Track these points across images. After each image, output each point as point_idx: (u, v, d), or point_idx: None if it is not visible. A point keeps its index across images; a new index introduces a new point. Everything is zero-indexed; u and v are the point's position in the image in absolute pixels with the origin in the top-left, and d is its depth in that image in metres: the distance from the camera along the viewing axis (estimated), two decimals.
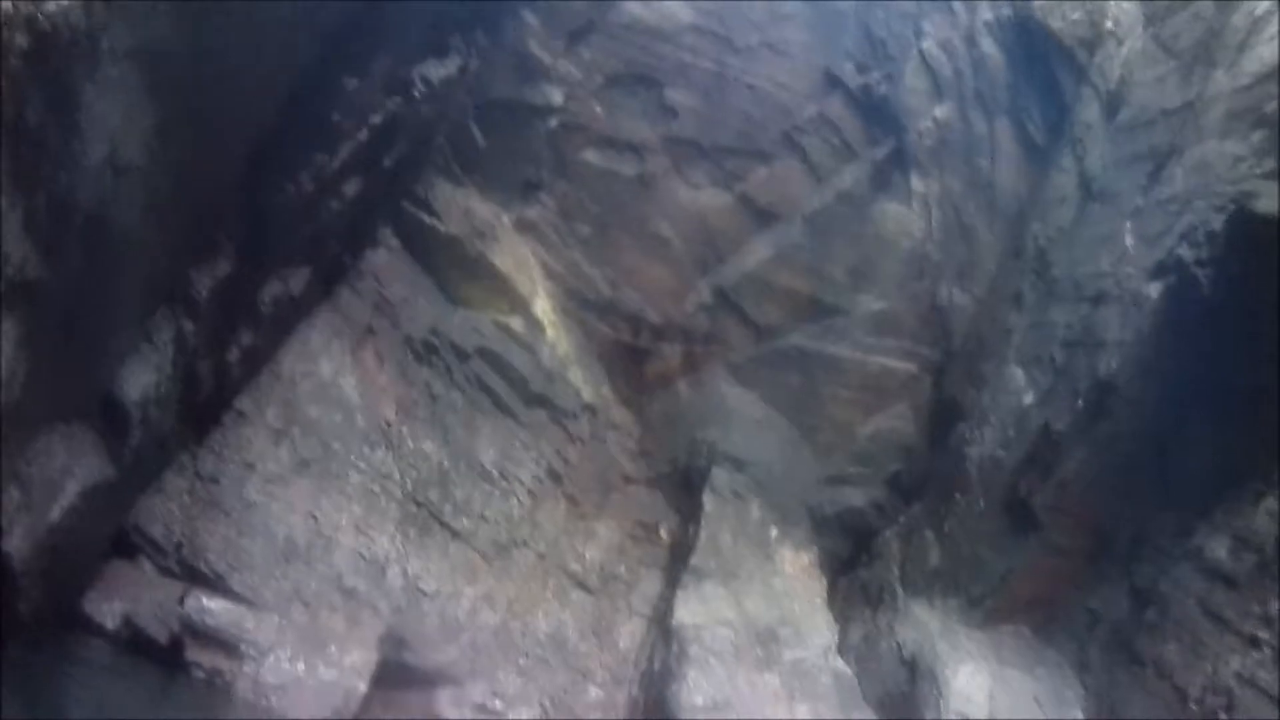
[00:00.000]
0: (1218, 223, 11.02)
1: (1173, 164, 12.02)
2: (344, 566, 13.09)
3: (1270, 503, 10.74)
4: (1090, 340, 12.60)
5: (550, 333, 15.21)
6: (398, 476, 13.84)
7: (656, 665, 14.38)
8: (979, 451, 13.73)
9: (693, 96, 15.07)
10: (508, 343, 14.88)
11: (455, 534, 14.11)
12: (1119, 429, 12.33)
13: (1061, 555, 13.06)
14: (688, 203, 15.23)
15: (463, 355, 14.62)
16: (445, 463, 14.23)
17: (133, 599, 11.54)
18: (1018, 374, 13.58)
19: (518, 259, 15.23)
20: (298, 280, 13.19)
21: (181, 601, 11.86)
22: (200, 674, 11.77)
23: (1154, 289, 11.80)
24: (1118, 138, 13.12)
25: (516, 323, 14.95)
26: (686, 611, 14.32)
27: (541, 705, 14.13)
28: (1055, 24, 13.66)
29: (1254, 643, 10.28)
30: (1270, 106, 10.68)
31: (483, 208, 15.13)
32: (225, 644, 11.97)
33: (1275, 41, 10.99)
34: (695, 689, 13.48)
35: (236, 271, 11.92)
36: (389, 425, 13.93)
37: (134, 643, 11.41)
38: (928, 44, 14.63)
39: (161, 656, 11.61)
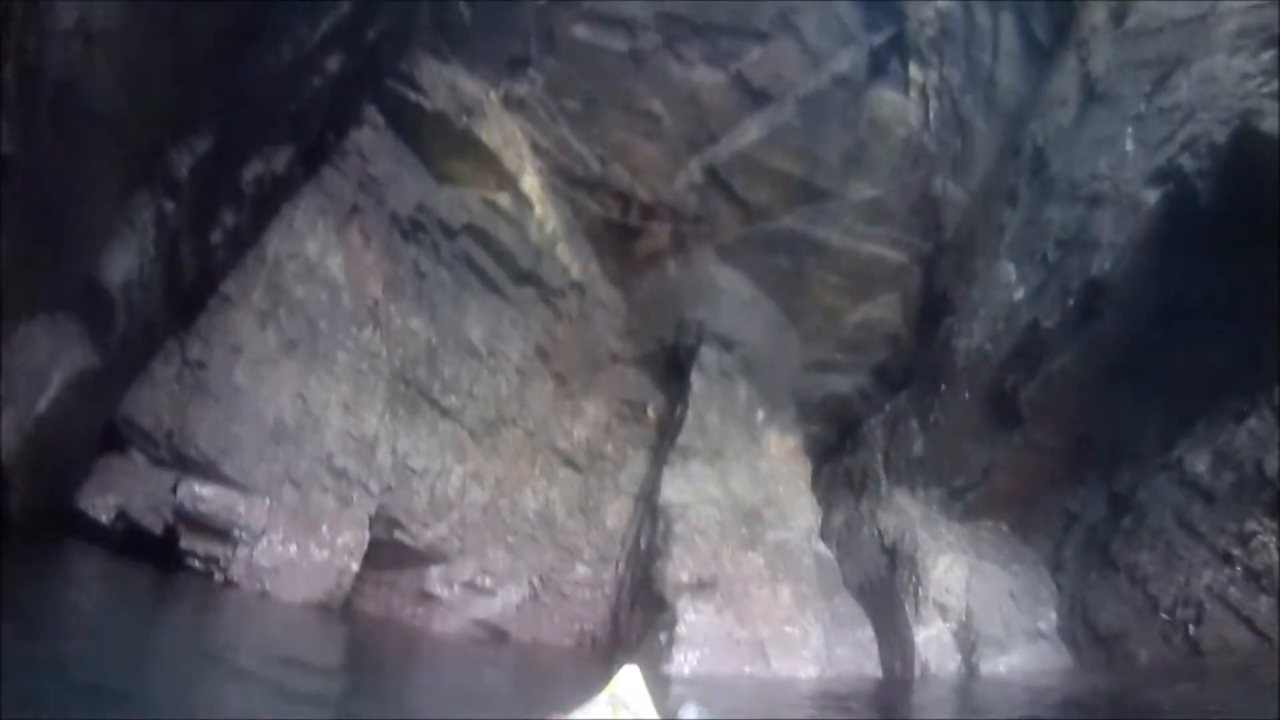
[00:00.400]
0: (1221, 136, 10.97)
1: (1179, 73, 11.77)
2: (334, 446, 13.10)
3: (1254, 423, 10.91)
4: (1084, 240, 12.46)
5: (538, 209, 14.86)
6: (385, 355, 13.69)
7: (643, 543, 14.65)
8: (966, 344, 13.72)
9: None
10: (495, 219, 14.56)
11: (444, 412, 14.10)
12: (1107, 330, 12.36)
13: (1043, 453, 13.26)
14: (680, 80, 14.67)
15: (450, 232, 14.31)
16: (433, 340, 14.09)
17: (125, 492, 11.55)
18: (1009, 269, 13.46)
19: (506, 135, 14.71)
20: (280, 159, 12.74)
21: (174, 490, 11.91)
22: (195, 562, 11.95)
23: (1152, 195, 11.73)
24: (1124, 43, 12.70)
25: (504, 199, 14.59)
26: (673, 490, 14.52)
27: (530, 582, 14.43)
28: None
29: (1227, 559, 10.59)
30: None
31: (469, 84, 14.51)
32: (218, 530, 12.08)
33: None
34: (681, 566, 13.77)
35: (217, 149, 11.46)
36: (376, 304, 13.71)
37: (129, 536, 11.51)
38: None
39: (156, 548, 11.72)
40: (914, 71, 14.57)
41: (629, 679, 5.32)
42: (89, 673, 6.86)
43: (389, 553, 13.61)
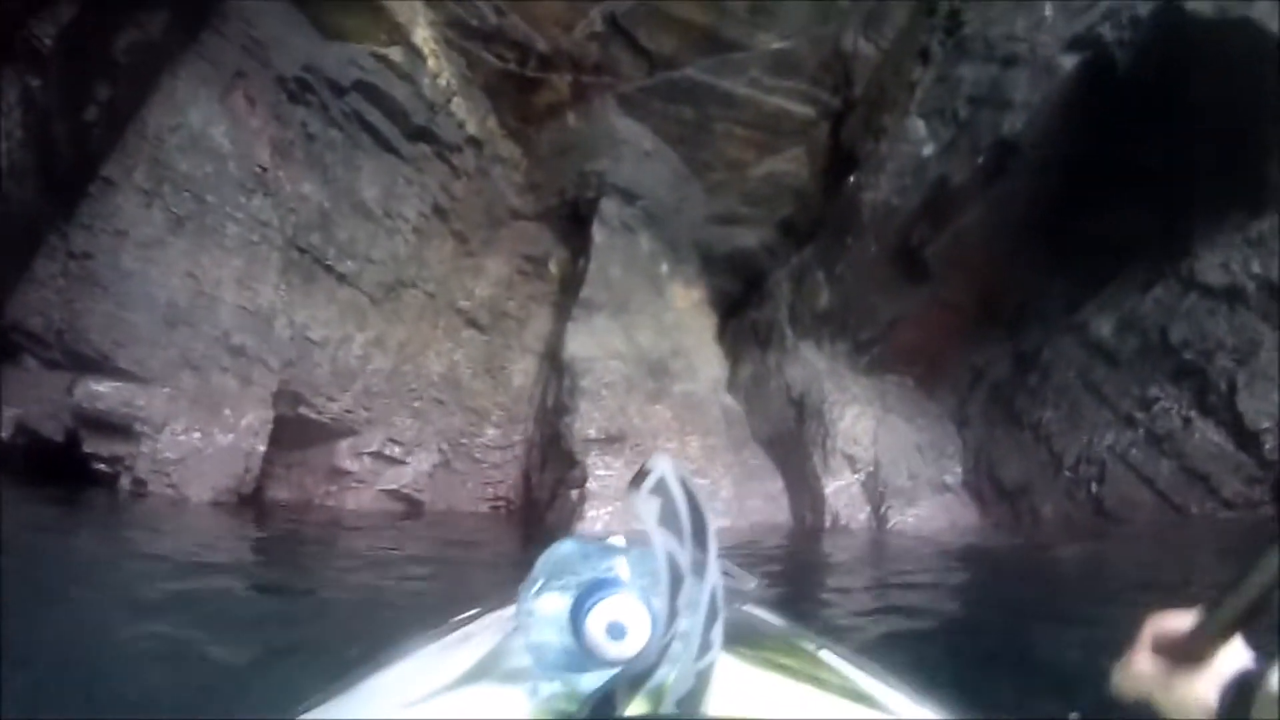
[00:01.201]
0: (1144, 10, 10.91)
1: None
2: (230, 324, 12.34)
3: (1160, 292, 11.18)
4: (997, 99, 12.27)
5: (432, 63, 13.72)
6: (277, 223, 12.76)
7: (550, 400, 14.47)
8: (873, 197, 13.52)
9: None
10: (387, 75, 13.38)
11: (341, 278, 13.34)
12: (1016, 190, 12.37)
13: (949, 309, 13.45)
14: None
15: (339, 90, 13.13)
16: (326, 204, 13.15)
17: (21, 401, 10.80)
18: (919, 125, 13.16)
19: None
20: (155, 24, 11.47)
21: (70, 391, 11.17)
22: (101, 465, 11.34)
23: (1069, 60, 11.65)
24: None
25: (396, 53, 13.36)
26: (578, 345, 14.27)
27: (439, 448, 14.19)
28: None
29: (1129, 421, 11.02)
30: None
31: None
32: (119, 427, 11.42)
33: None
34: (589, 421, 13.66)
35: (83, 16, 10.36)
36: (264, 170, 12.63)
37: (31, 450, 10.82)
38: None
39: (61, 460, 11.07)
40: None
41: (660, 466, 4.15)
42: None
43: (295, 430, 13.12)
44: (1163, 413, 10.80)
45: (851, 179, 14.01)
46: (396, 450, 13.69)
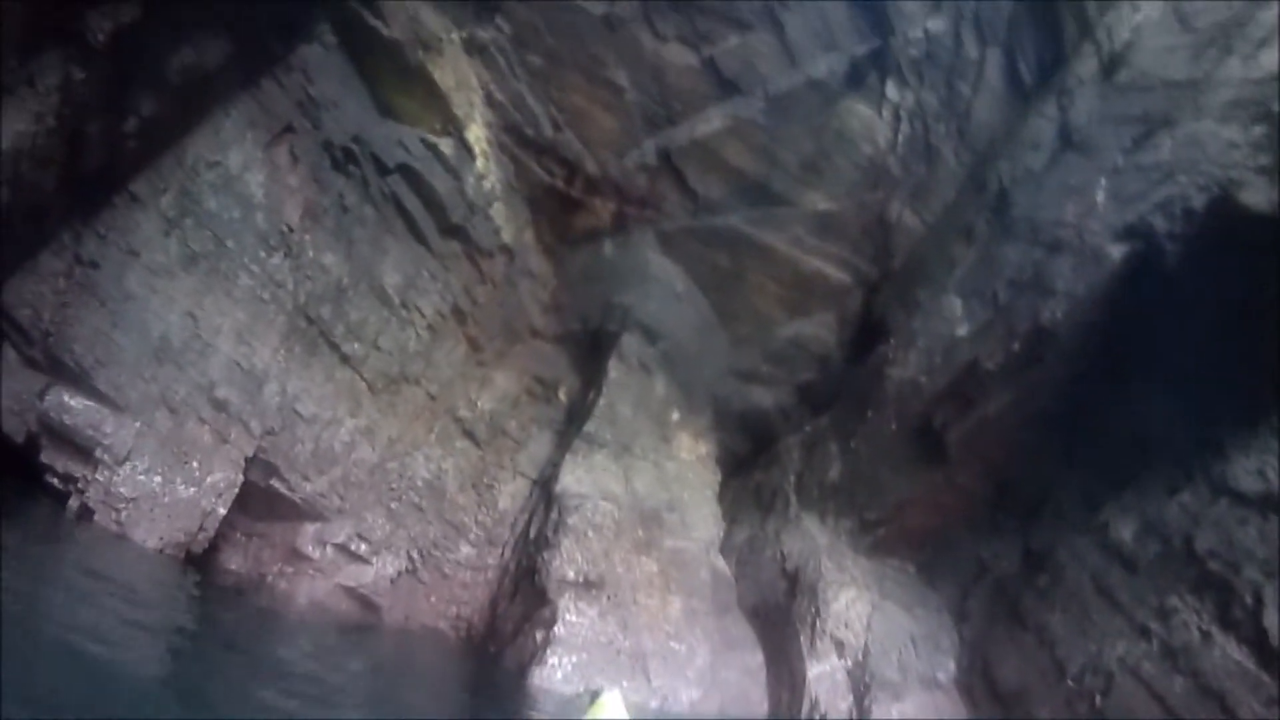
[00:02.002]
0: (1199, 202, 10.50)
1: (1163, 134, 11.37)
2: (218, 375, 11.62)
3: (1186, 497, 10.27)
4: (1039, 285, 11.89)
5: (480, 163, 13.59)
6: (291, 286, 12.24)
7: (533, 530, 13.50)
8: (900, 373, 13.03)
9: None
10: (433, 164, 13.20)
11: (344, 358, 12.70)
12: (1048, 380, 11.79)
13: (963, 496, 12.62)
14: (650, 54, 13.61)
15: (383, 169, 12.90)
16: (345, 280, 12.66)
17: None
18: (955, 304, 12.83)
19: (460, 78, 13.43)
20: (214, 52, 11.17)
21: (41, 396, 10.41)
22: (55, 480, 10.47)
23: (1117, 250, 11.24)
24: (1110, 95, 12.31)
25: (447, 145, 13.27)
26: (573, 478, 13.44)
27: (409, 555, 13.14)
28: None
29: (1144, 632, 9.91)
30: (1276, 105, 10.09)
31: (433, 19, 13.19)
32: (81, 447, 10.60)
33: None
34: (568, 560, 12.68)
35: (143, 22, 9.95)
36: (290, 230, 12.23)
37: None
38: None
39: (15, 459, 10.21)
40: (891, 90, 13.77)
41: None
42: None
43: (262, 501, 12.22)
44: (1181, 625, 9.76)
45: (879, 350, 13.59)
46: (363, 547, 12.63)
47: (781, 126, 13.79)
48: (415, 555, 13.12)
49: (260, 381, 12.01)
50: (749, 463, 15.03)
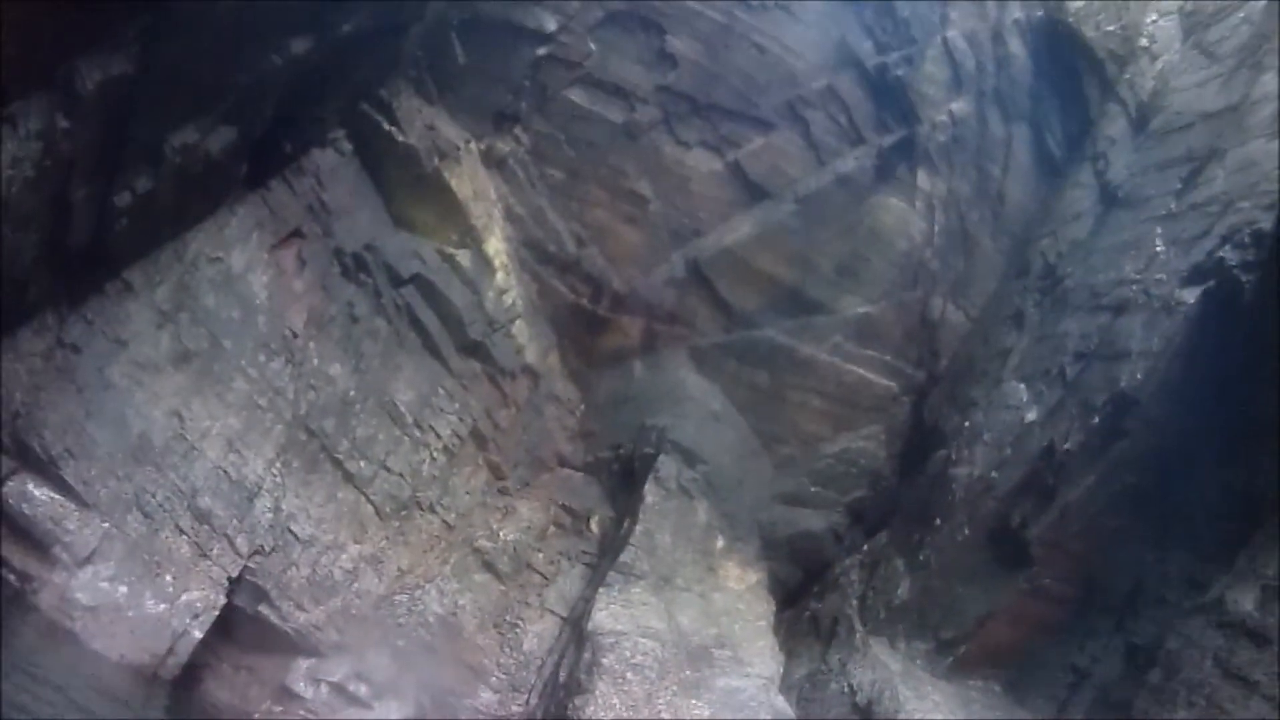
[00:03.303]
0: (1267, 221, 8.81)
1: (1212, 166, 9.89)
2: (203, 483, 9.72)
3: None
4: (1109, 351, 9.97)
5: (500, 277, 12.10)
6: (291, 395, 10.52)
7: (563, 674, 10.98)
8: (967, 473, 10.84)
9: (695, 48, 12.31)
10: (450, 277, 11.72)
11: (348, 477, 10.76)
12: (1135, 452, 9.56)
13: (1049, 600, 10.08)
14: (673, 163, 12.38)
15: (397, 280, 11.43)
16: (352, 393, 10.93)
17: None
18: (1019, 389, 10.83)
19: (478, 189, 12.17)
20: (217, 139, 9.93)
21: (2, 482, 8.63)
22: (10, 575, 8.51)
23: (1189, 294, 9.39)
24: (1147, 145, 10.94)
25: (464, 258, 11.82)
26: (607, 614, 10.96)
27: (418, 701, 10.61)
28: (1089, 33, 11.52)
29: None
30: None
31: (450, 129, 12.10)
32: (39, 542, 8.67)
33: None
34: (605, 707, 10.09)
35: (136, 78, 8.79)
36: (294, 336, 10.66)
37: None
38: (953, 33, 12.17)
39: None
40: (922, 179, 12.32)
41: None
42: None
43: (252, 630, 9.96)
44: None
45: (937, 455, 11.44)
46: (363, 690, 10.11)
47: (813, 228, 12.32)
48: (425, 701, 10.53)
49: (251, 495, 10.05)
50: (802, 592, 12.42)
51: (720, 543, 12.22)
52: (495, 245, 12.23)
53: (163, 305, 9.98)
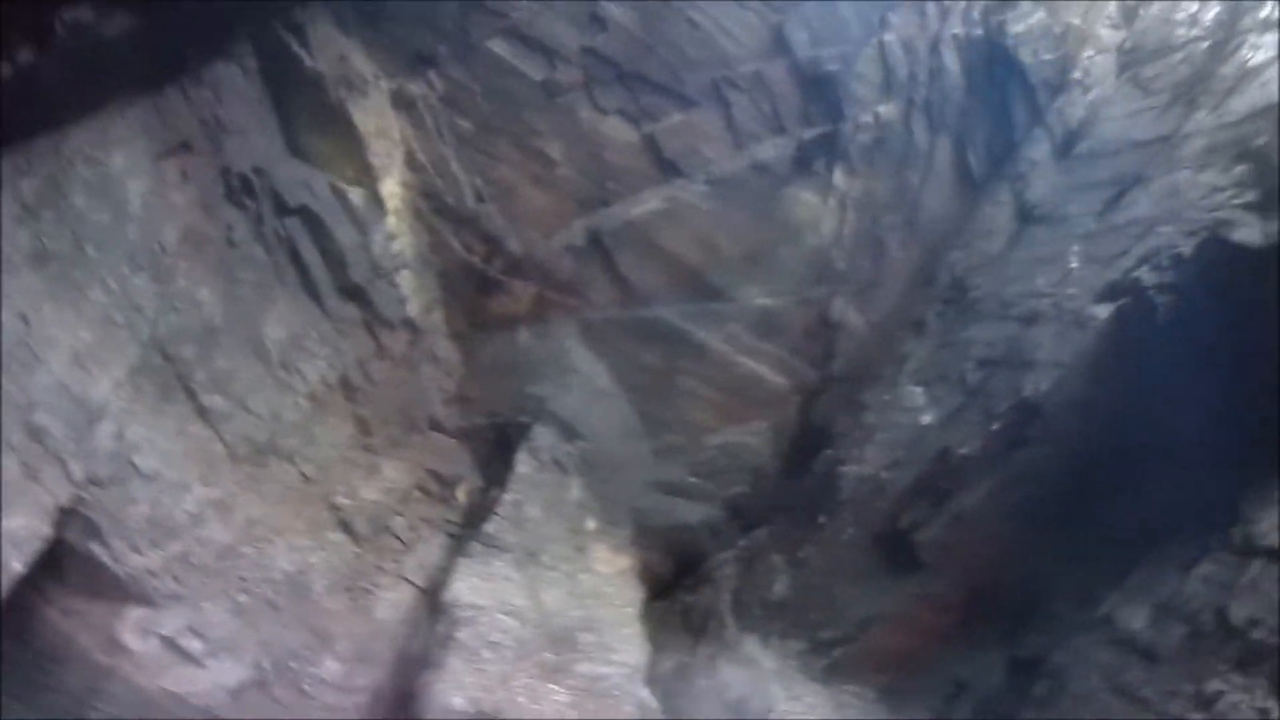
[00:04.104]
0: (1188, 248, 9.07)
1: (1136, 191, 10.18)
2: (40, 396, 8.56)
3: (1207, 569, 8.30)
4: (1015, 359, 10.15)
5: (392, 222, 11.42)
6: (152, 315, 9.49)
7: (415, 647, 10.46)
8: (857, 471, 10.89)
9: (628, 14, 11.94)
10: (339, 214, 10.97)
11: (202, 411, 9.83)
12: (1034, 463, 9.81)
13: (935, 607, 10.23)
14: (588, 128, 12.01)
15: (282, 208, 10.61)
16: (218, 322, 10.02)
17: None
18: (915, 393, 10.93)
19: (382, 127, 11.44)
20: (113, 25, 9.05)
21: None
22: None
23: (1102, 310, 9.69)
24: (1072, 167, 11.17)
25: (357, 196, 11.09)
26: (466, 587, 10.55)
27: (257, 663, 9.72)
28: (1025, 58, 11.65)
29: None
30: (1260, 141, 8.99)
31: (362, 63, 11.33)
32: None
33: (1272, 84, 9.56)
34: (456, 685, 9.67)
35: None
36: (164, 252, 9.63)
37: None
38: (890, 37, 12.23)
39: None
40: (839, 177, 12.26)
41: None
42: None
43: (81, 570, 8.89)
44: (1231, 708, 7.56)
45: (828, 453, 11.41)
46: (197, 646, 9.21)
47: (723, 213, 12.12)
48: (266, 665, 9.64)
49: (93, 417, 8.99)
50: (673, 584, 12.18)
51: (592, 524, 11.87)
52: (391, 188, 11.53)
53: (28, 199, 8.81)
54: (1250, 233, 8.55)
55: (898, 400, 10.93)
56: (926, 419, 10.56)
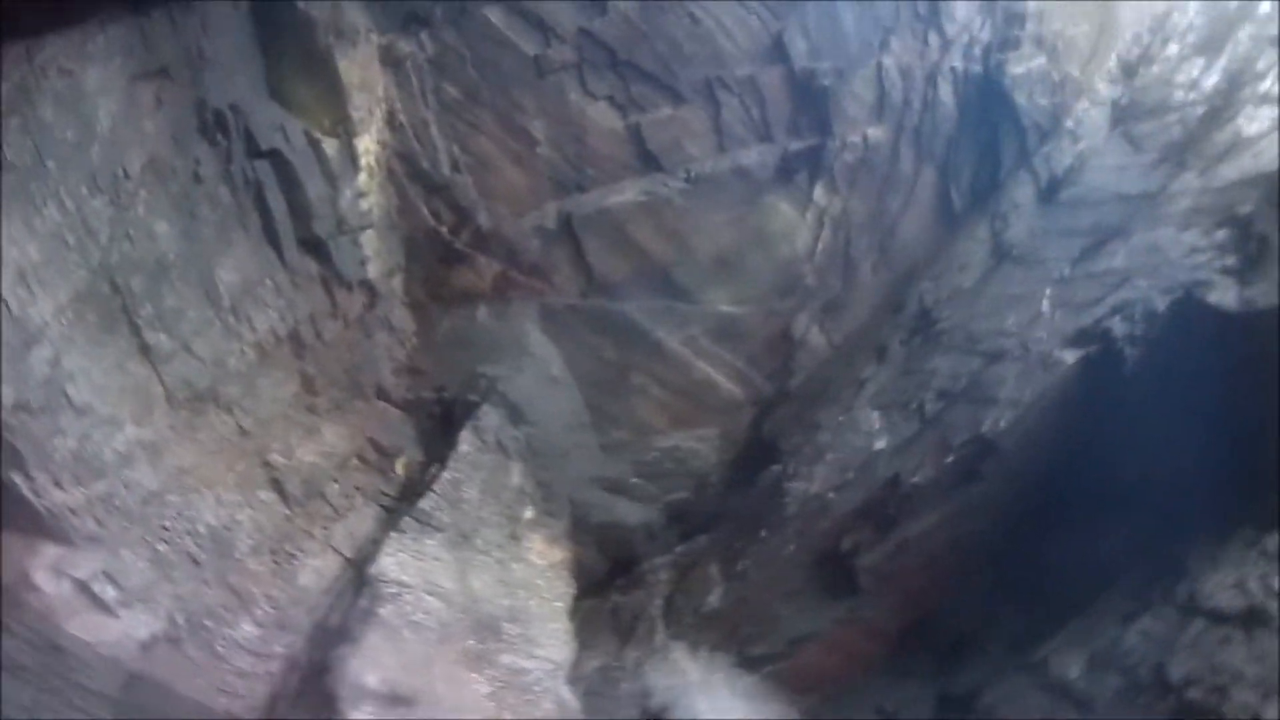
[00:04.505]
0: (1163, 304, 9.60)
1: (1116, 242, 10.62)
2: None
3: (1148, 624, 8.61)
4: (977, 394, 10.45)
5: (363, 179, 11.23)
6: (105, 241, 9.17)
7: (336, 619, 10.23)
8: (804, 489, 11.02)
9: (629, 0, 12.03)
10: (311, 163, 10.77)
11: (145, 348, 9.49)
12: (988, 497, 10.13)
13: (869, 634, 10.53)
14: (575, 111, 11.99)
15: (254, 150, 10.38)
16: (172, 257, 9.69)
17: None
18: (872, 416, 11.13)
19: (366, 81, 11.27)
20: None
21: None
22: None
23: (1070, 355, 10.08)
24: (1054, 211, 11.54)
25: (331, 147, 10.91)
26: (395, 562, 10.40)
27: (171, 618, 9.40)
28: (1020, 100, 11.96)
29: None
30: (1246, 208, 9.50)
31: (356, 14, 11.17)
32: None
33: (1265, 155, 9.89)
34: (373, 663, 9.53)
35: None
36: (127, 178, 9.32)
37: None
38: (889, 60, 12.43)
39: None
40: (819, 193, 12.42)
41: None
42: None
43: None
44: None
45: (775, 468, 11.55)
46: (111, 593, 8.92)
47: (699, 212, 12.19)
48: (181, 620, 9.38)
49: (30, 339, 8.65)
50: (606, 584, 12.18)
51: (529, 512, 11.80)
52: (367, 145, 11.31)
53: None
54: (1227, 296, 8.97)
55: (853, 422, 11.12)
56: (880, 444, 10.77)
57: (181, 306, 9.96)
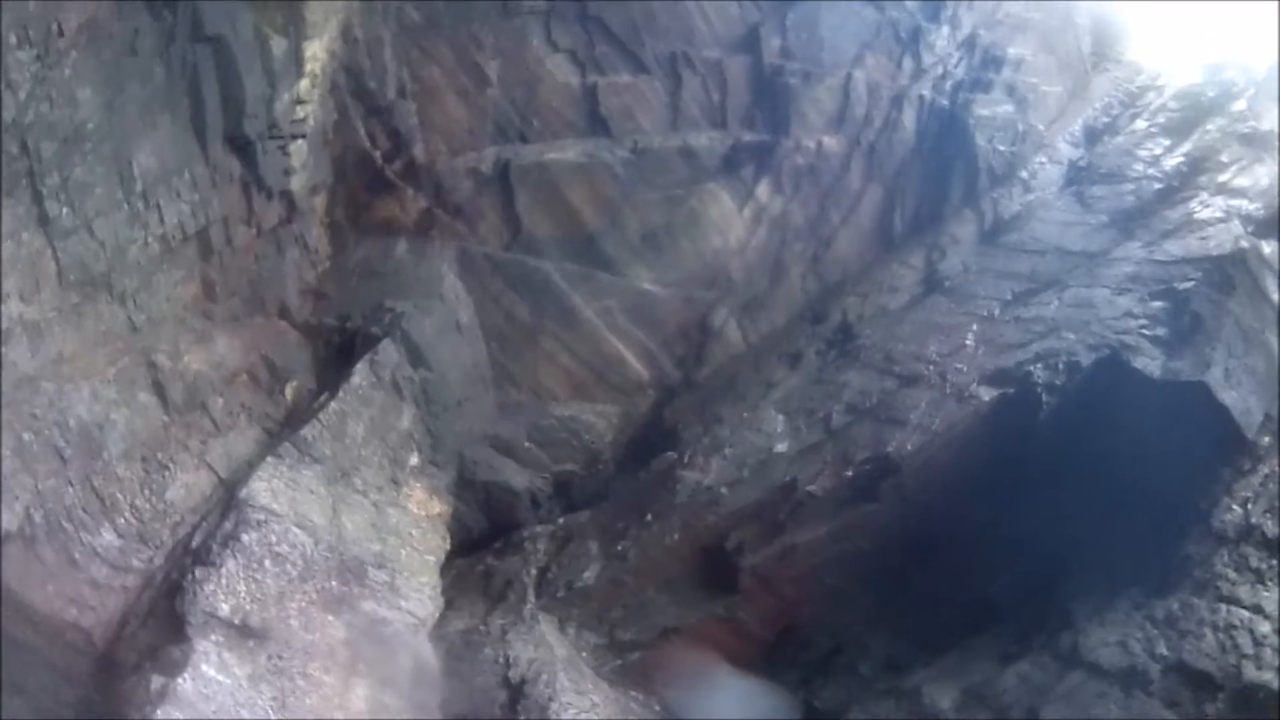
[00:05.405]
0: (1087, 359, 10.34)
1: (1050, 293, 11.41)
2: None
3: (1025, 668, 9.28)
4: (886, 414, 11.06)
5: (304, 86, 11.05)
6: (22, 96, 8.60)
7: (197, 539, 9.95)
8: (697, 480, 11.40)
9: None
10: (254, 58, 10.49)
11: (44, 219, 9.03)
12: (881, 518, 10.62)
13: (742, 635, 10.95)
14: (533, 58, 12.15)
15: (198, 33, 10.04)
16: (90, 127, 9.27)
17: None
18: (776, 419, 11.63)
19: None
20: None
21: None
22: None
23: (986, 392, 10.76)
24: (994, 253, 12.39)
25: (278, 46, 10.66)
26: (266, 489, 10.25)
27: (29, 514, 9.00)
28: (980, 141, 12.77)
29: None
30: (1185, 286, 10.27)
31: None
32: None
33: (1213, 241, 10.72)
34: (228, 590, 9.37)
35: None
36: (60, 35, 8.81)
37: None
38: (860, 75, 12.96)
39: None
40: (762, 190, 12.90)
41: None
42: None
43: None
44: None
45: (670, 455, 11.94)
46: None
47: (637, 186, 12.51)
48: (39, 519, 8.99)
49: None
50: (481, 545, 12.27)
51: (414, 459, 11.79)
52: (316, 51, 11.12)
53: None
54: (1152, 364, 9.72)
55: (756, 421, 11.58)
56: (780, 447, 11.22)
57: (90, 182, 9.61)
